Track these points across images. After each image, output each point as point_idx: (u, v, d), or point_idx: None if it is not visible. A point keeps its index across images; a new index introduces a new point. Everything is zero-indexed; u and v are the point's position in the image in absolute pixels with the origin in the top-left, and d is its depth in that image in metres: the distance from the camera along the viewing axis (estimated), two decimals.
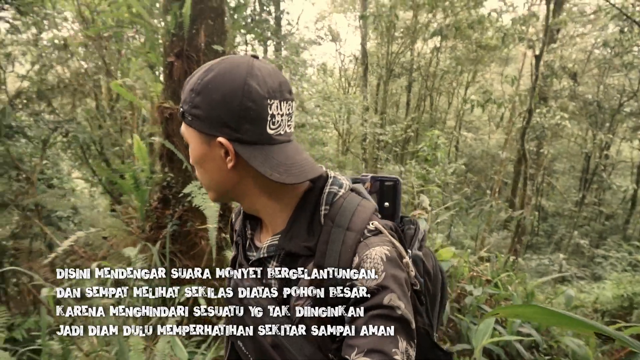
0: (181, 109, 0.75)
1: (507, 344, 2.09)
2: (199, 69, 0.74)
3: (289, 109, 0.74)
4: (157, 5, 3.57)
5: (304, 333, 0.72)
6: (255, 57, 0.75)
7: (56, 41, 5.29)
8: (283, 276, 0.75)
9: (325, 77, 13.32)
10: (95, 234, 3.45)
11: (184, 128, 0.76)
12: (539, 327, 2.24)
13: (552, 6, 7.75)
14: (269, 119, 0.71)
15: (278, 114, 0.72)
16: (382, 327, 0.65)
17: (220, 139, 0.71)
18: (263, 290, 0.77)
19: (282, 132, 0.73)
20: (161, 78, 3.96)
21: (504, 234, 11.23)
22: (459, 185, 8.39)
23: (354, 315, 0.68)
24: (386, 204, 0.86)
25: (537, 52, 7.38)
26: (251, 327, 0.75)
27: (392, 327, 0.66)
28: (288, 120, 0.75)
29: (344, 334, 0.69)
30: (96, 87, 5.75)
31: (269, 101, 0.71)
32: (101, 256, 3.41)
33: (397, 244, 0.73)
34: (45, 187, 5.47)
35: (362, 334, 0.66)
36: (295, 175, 0.72)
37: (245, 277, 0.79)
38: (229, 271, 0.84)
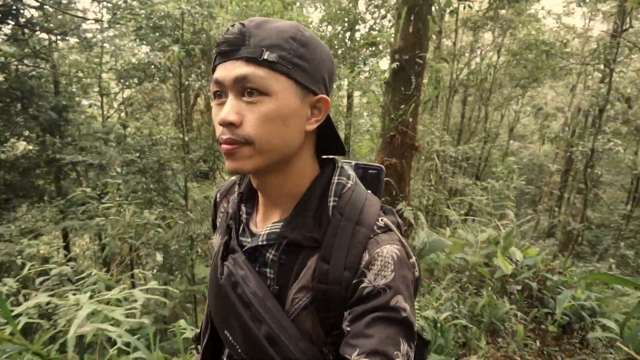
0: (271, 54, 0.64)
1: (575, 310, 3.29)
2: (275, 20, 0.67)
3: None
4: None
5: (301, 327, 0.69)
6: None
7: None
8: (282, 267, 0.71)
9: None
10: None
11: (265, 74, 0.63)
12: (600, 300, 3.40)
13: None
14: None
15: None
16: (385, 329, 0.64)
17: (323, 96, 0.69)
18: (258, 279, 0.72)
19: None
20: None
21: (551, 241, 12.09)
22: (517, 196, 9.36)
23: (357, 314, 0.65)
24: (369, 192, 0.79)
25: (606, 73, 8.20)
26: (245, 318, 0.70)
27: (396, 329, 0.64)
28: None
29: (345, 332, 0.67)
30: None
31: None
32: None
33: (405, 243, 0.71)
34: None
35: (364, 334, 0.63)
36: (342, 149, 0.77)
37: (240, 264, 0.74)
38: (217, 257, 0.79)
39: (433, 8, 2.90)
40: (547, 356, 3.05)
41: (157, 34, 6.26)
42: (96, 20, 8.47)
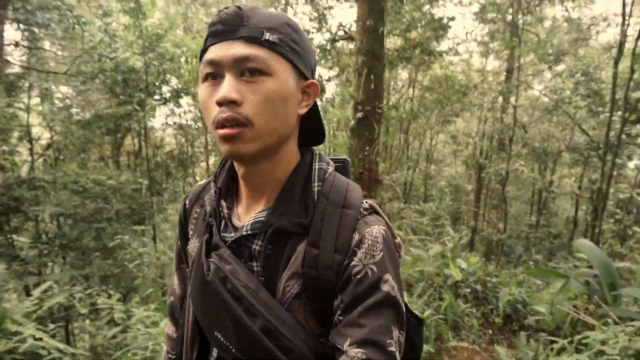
0: (272, 36, 0.65)
1: (512, 303, 4.09)
2: (268, 10, 0.69)
3: None
4: None
5: (296, 316, 0.68)
6: None
7: None
8: (269, 257, 0.70)
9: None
10: None
11: (267, 55, 0.64)
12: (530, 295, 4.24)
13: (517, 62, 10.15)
14: None
15: None
16: (377, 318, 0.63)
17: (313, 81, 0.72)
18: (247, 272, 0.70)
19: None
20: None
21: (473, 252, 13.49)
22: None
23: (348, 302, 0.65)
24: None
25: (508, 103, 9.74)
26: (238, 312, 0.67)
27: (388, 316, 0.64)
28: None
29: (337, 320, 0.66)
30: None
31: None
32: None
33: (389, 224, 0.72)
34: None
35: (356, 323, 0.63)
36: (323, 136, 0.81)
37: (226, 258, 0.72)
38: (197, 258, 0.76)
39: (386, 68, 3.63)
40: (495, 342, 3.77)
41: (122, 85, 6.45)
42: (58, 73, 8.31)
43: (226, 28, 0.65)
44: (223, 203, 0.77)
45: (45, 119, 10.43)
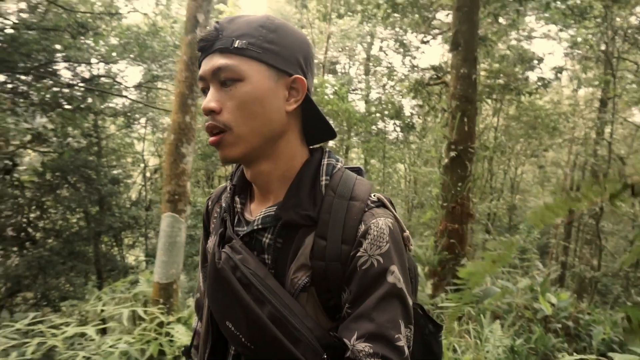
0: (241, 42, 0.69)
1: (607, 342, 4.08)
2: (247, 15, 0.73)
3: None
4: None
5: (305, 306, 0.70)
6: None
7: None
8: (278, 250, 0.73)
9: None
10: None
11: (237, 62, 0.69)
12: None
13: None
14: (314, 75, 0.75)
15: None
16: (385, 312, 0.64)
17: (298, 76, 0.72)
18: (257, 261, 0.73)
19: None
20: None
21: (564, 290, 12.73)
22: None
23: (355, 295, 0.67)
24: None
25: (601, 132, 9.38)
26: (247, 300, 0.69)
27: (393, 306, 0.65)
28: None
29: (345, 314, 0.68)
30: None
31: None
32: None
33: (399, 218, 0.73)
34: None
35: (364, 317, 0.64)
36: (331, 132, 0.79)
37: (237, 249, 0.74)
38: (212, 252, 0.79)
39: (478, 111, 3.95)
40: None
41: None
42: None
43: (206, 44, 0.71)
44: (237, 199, 0.81)
45: (154, 147, 11.81)
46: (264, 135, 0.72)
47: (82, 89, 7.98)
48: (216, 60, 0.69)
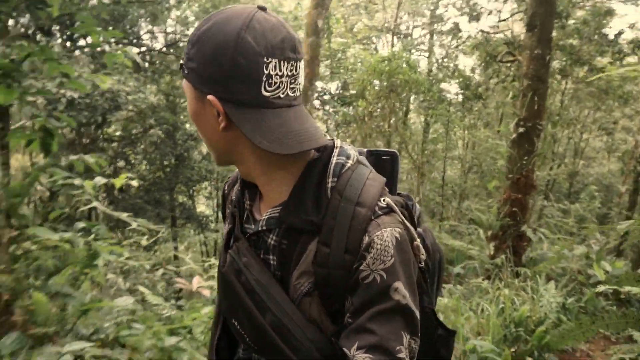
0: (181, 61, 0.70)
1: None
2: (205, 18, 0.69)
3: (291, 70, 0.66)
4: None
5: (306, 314, 0.68)
6: (262, 8, 0.67)
7: None
8: (283, 252, 0.71)
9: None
10: None
11: (184, 81, 0.70)
12: None
13: None
14: (264, 79, 0.63)
15: (276, 74, 0.64)
16: (386, 323, 0.63)
17: (210, 97, 0.65)
18: (262, 266, 0.72)
19: (282, 95, 0.66)
20: None
21: (621, 259, 12.64)
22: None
23: (357, 306, 0.65)
24: (372, 171, 0.74)
25: None
26: (250, 306, 0.69)
27: (397, 321, 0.63)
28: (291, 83, 0.66)
29: (345, 322, 0.67)
30: None
31: (265, 59, 0.63)
32: None
33: (409, 225, 0.69)
34: None
35: (365, 328, 0.63)
36: (288, 145, 0.65)
37: (243, 251, 0.74)
38: (223, 245, 0.80)
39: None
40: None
41: None
42: None
43: None
44: (247, 194, 0.79)
45: None
46: (220, 148, 0.73)
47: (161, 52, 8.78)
48: None
